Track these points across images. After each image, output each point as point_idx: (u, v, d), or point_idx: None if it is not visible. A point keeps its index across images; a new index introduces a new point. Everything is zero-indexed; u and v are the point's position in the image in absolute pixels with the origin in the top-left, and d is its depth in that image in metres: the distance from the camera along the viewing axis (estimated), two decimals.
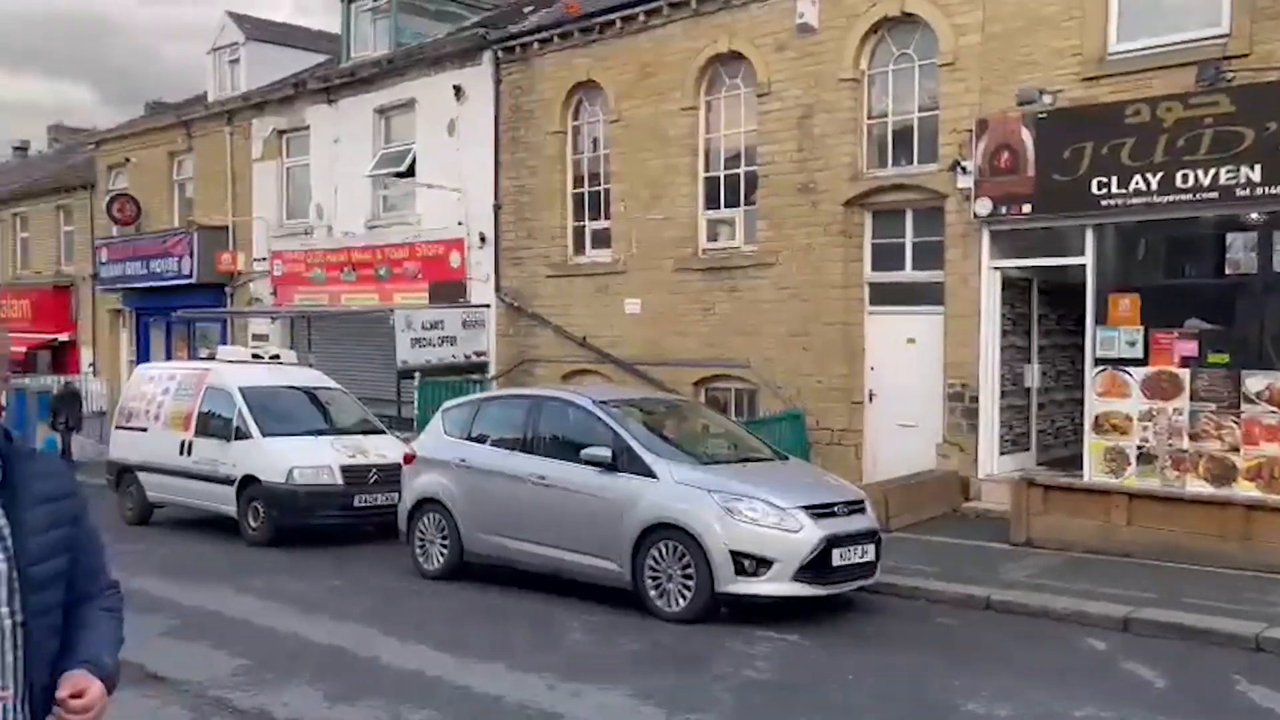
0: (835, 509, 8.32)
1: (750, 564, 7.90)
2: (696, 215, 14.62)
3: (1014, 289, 12.30)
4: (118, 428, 14.19)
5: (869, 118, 13.01)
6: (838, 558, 8.06)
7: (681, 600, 8.04)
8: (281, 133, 20.85)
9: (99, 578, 2.23)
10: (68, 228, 27.91)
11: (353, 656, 7.20)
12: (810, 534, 7.97)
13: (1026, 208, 11.33)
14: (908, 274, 12.81)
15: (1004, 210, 11.50)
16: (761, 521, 7.98)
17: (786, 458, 9.74)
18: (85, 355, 26.45)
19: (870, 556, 8.35)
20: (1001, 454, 12.18)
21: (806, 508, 8.14)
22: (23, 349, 26.86)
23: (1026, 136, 11.26)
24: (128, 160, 24.95)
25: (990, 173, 11.54)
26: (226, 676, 6.69)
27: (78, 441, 19.56)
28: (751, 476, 8.60)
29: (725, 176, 14.43)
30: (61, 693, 1.95)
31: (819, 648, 7.40)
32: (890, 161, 12.91)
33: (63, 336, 27.13)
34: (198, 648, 7.43)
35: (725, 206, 14.45)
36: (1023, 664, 6.98)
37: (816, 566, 7.97)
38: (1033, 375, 12.72)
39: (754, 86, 13.86)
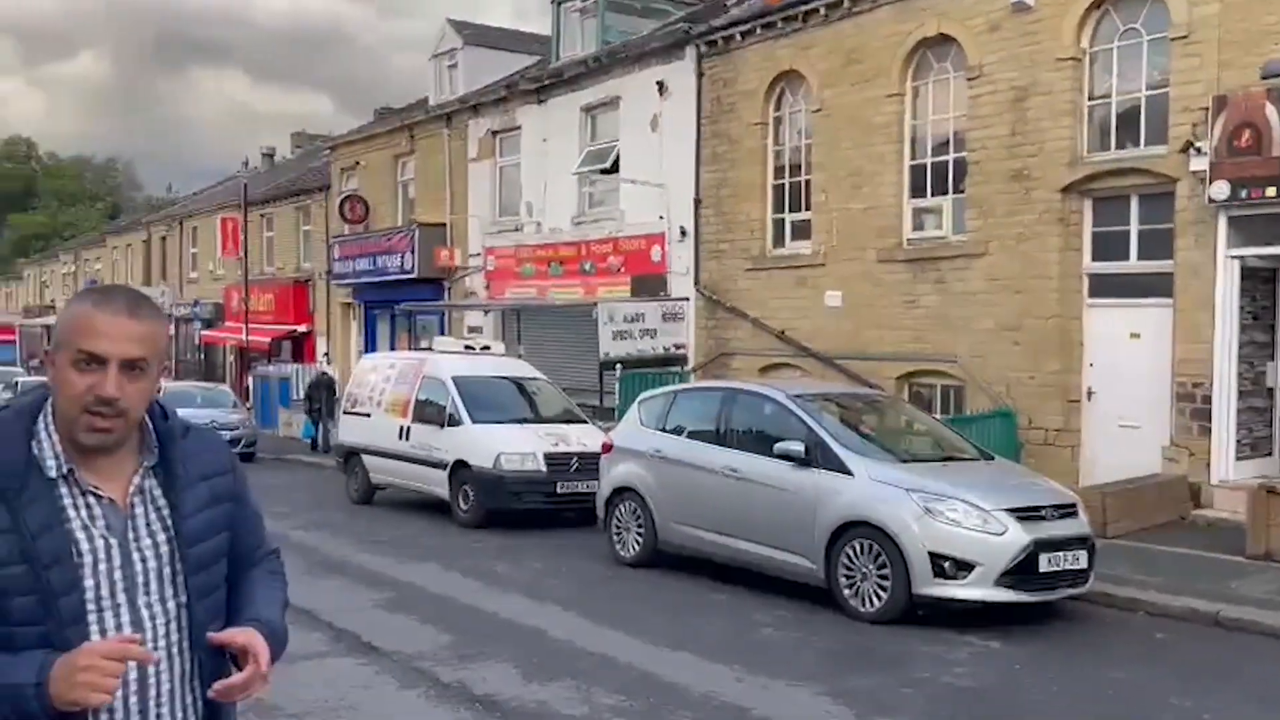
0: (1044, 512, 7.90)
1: (950, 566, 7.61)
2: (901, 205, 14.20)
3: (1255, 279, 11.27)
4: (345, 413, 15.22)
5: (1090, 98, 12.23)
6: (1046, 563, 7.66)
7: (876, 600, 7.84)
8: (495, 133, 21.76)
9: (259, 550, 2.16)
10: (306, 227, 30.20)
11: (548, 637, 7.43)
12: (1015, 537, 7.60)
13: (1270, 190, 10.34)
14: (1132, 264, 11.97)
15: (1244, 194, 10.54)
16: (963, 523, 7.68)
17: (992, 457, 9.32)
18: (320, 345, 28.55)
19: (1082, 564, 7.88)
20: (1238, 459, 11.19)
21: (1012, 510, 7.77)
22: (267, 339, 29.37)
23: (1272, 113, 10.28)
24: (358, 163, 26.73)
25: (1228, 153, 10.60)
26: (432, 650, 7.06)
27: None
28: (953, 476, 8.28)
29: (932, 164, 13.94)
30: (218, 638, 1.89)
31: (1023, 657, 7.04)
32: (1113, 144, 12.10)
33: (301, 328, 29.41)
34: (408, 621, 7.89)
35: (931, 195, 13.96)
36: (1256, 687, 6.40)
37: (1022, 571, 7.60)
38: (1276, 374, 11.60)
39: (964, 70, 13.31)
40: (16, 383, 29.80)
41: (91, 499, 1.85)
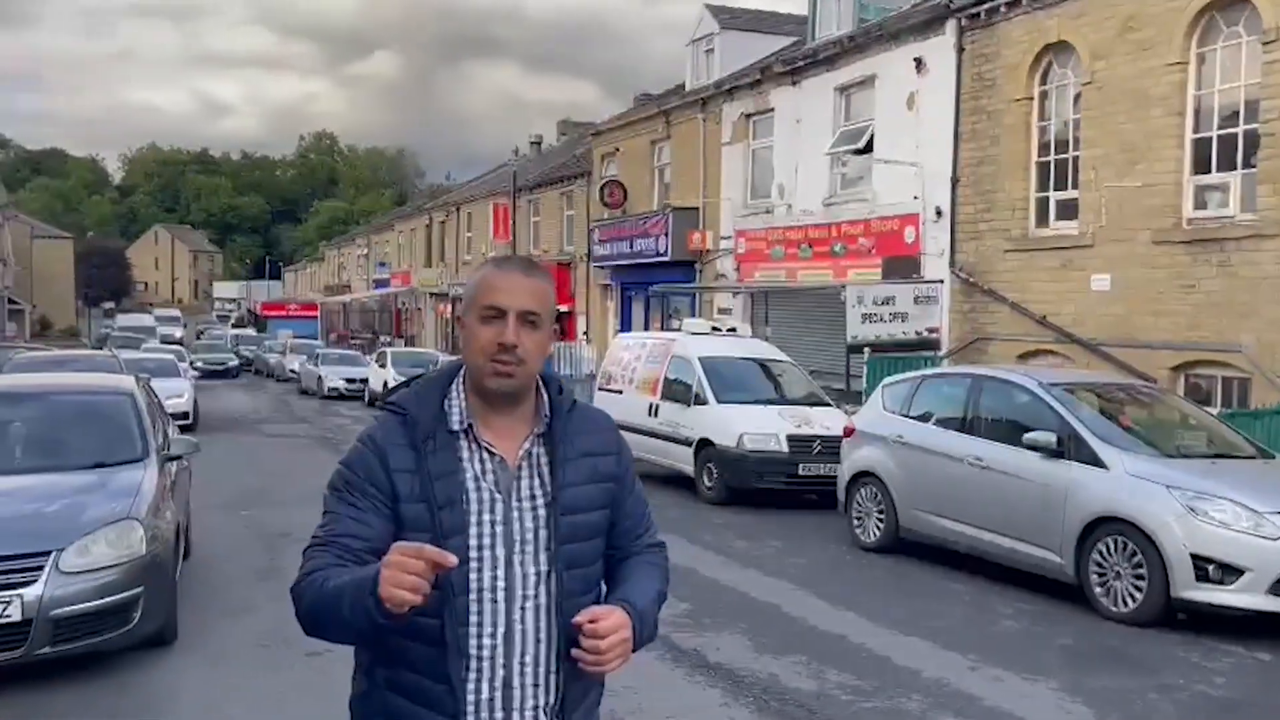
0: None
1: (1215, 570, 7.13)
2: (1181, 181, 13.14)
3: None
4: (600, 389, 15.96)
5: None
6: None
7: (1130, 601, 7.46)
8: (748, 116, 21.93)
9: (641, 537, 2.22)
10: (569, 212, 31.68)
11: (783, 614, 7.61)
12: None
13: None
14: None
15: None
16: (1232, 524, 7.16)
17: (1274, 456, 8.58)
18: (580, 325, 29.95)
19: None
20: None
21: None
22: None
23: None
24: (617, 149, 27.72)
25: None
26: (671, 617, 7.39)
27: None
28: (1223, 474, 7.73)
29: (1218, 137, 12.81)
30: (578, 619, 1.92)
31: None
32: None
33: (563, 308, 30.94)
34: None
35: (1217, 171, 12.84)
36: None
37: None
38: None
39: (1258, 34, 12.12)
40: (318, 354, 33.34)
41: (485, 455, 2.03)
